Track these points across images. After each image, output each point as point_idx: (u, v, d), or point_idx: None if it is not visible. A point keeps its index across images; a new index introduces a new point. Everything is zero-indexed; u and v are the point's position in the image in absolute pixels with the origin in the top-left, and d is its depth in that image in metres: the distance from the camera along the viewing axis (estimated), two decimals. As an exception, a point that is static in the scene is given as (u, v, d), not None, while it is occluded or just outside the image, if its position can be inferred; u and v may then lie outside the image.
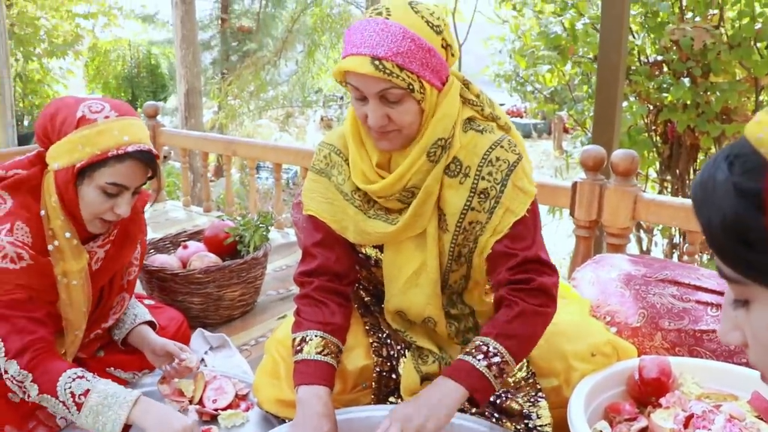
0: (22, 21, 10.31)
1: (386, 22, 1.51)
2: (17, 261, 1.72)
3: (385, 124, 1.57)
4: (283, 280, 3.07)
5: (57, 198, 1.78)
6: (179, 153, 4.40)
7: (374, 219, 1.70)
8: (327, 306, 1.77)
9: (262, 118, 8.95)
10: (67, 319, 1.89)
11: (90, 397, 1.68)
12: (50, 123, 1.78)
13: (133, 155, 1.76)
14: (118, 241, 2.00)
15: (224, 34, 9.68)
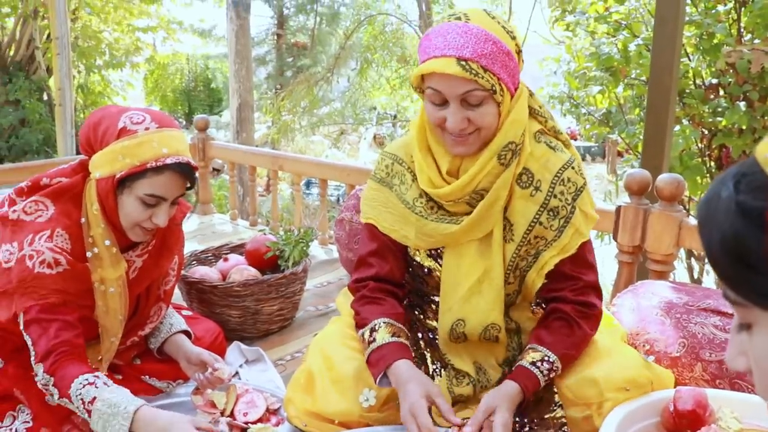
0: (85, 34, 10.64)
1: (467, 25, 1.55)
2: (54, 266, 1.76)
3: (465, 127, 1.60)
4: (323, 296, 3.07)
5: (98, 206, 1.83)
6: (228, 167, 4.47)
7: (437, 222, 1.73)
8: (385, 301, 1.82)
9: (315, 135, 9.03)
10: (104, 326, 1.93)
11: (96, 405, 1.69)
12: (93, 132, 1.83)
13: (171, 167, 1.79)
14: (156, 251, 2.03)
15: (279, 49, 9.83)
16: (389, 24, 6.66)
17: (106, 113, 1.85)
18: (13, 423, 1.86)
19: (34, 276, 1.74)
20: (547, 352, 1.68)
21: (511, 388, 1.63)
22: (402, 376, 1.64)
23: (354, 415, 1.78)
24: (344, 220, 3.09)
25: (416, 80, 1.64)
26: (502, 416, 1.57)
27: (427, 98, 1.63)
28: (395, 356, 1.68)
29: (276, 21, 9.96)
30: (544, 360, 1.66)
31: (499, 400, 1.60)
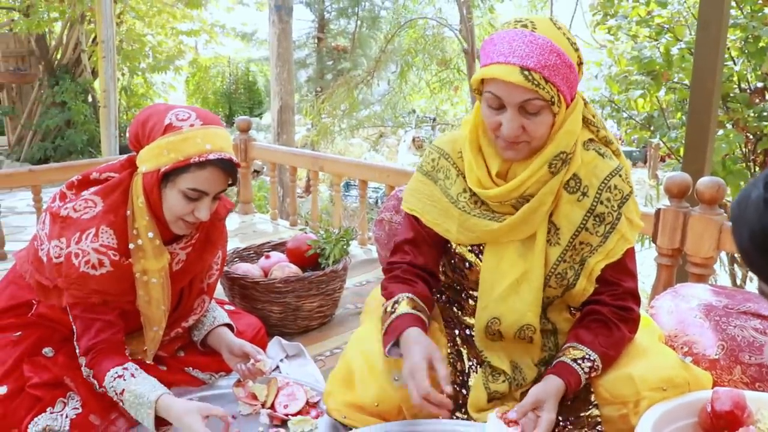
0: (130, 37, 10.85)
1: (534, 34, 1.57)
2: (98, 267, 1.85)
3: (519, 134, 1.62)
4: (362, 295, 3.11)
5: (143, 199, 1.89)
6: (269, 167, 4.53)
7: (479, 217, 1.76)
8: (415, 282, 1.86)
9: (354, 137, 9.09)
10: (145, 315, 2.00)
11: (125, 396, 1.84)
12: (141, 128, 1.89)
13: (213, 163, 1.85)
14: (200, 245, 2.09)
15: (320, 52, 9.91)
16: (430, 28, 6.68)
17: (153, 111, 1.91)
18: (63, 409, 1.92)
19: (79, 275, 1.83)
20: (587, 350, 1.70)
21: (556, 383, 1.65)
22: (409, 341, 1.69)
23: (392, 401, 1.80)
24: (384, 220, 3.12)
25: (476, 82, 1.66)
26: (549, 414, 1.60)
27: (484, 101, 1.66)
28: (408, 324, 1.72)
29: (317, 25, 10.06)
30: (585, 358, 1.68)
31: (548, 396, 1.62)
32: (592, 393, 1.74)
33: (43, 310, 2.05)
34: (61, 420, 1.89)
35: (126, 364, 1.90)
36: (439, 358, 1.64)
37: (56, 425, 1.87)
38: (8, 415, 1.87)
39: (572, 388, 1.66)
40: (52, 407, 1.92)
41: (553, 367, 1.70)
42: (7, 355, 1.98)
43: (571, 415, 1.73)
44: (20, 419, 1.87)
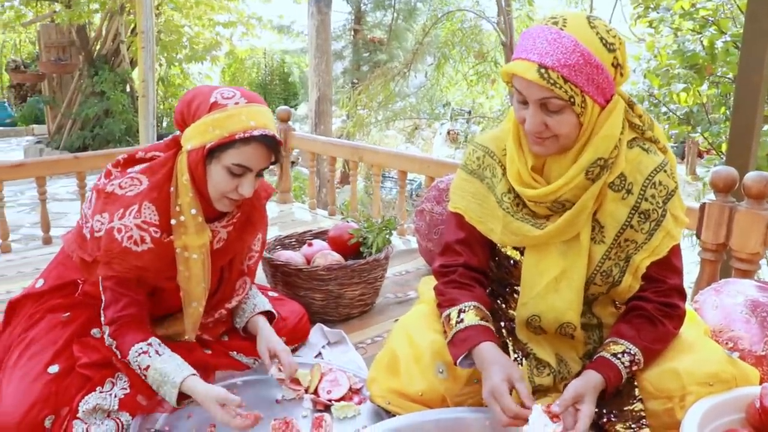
0: (168, 29, 10.94)
1: (560, 32, 1.55)
2: (140, 243, 1.90)
3: (542, 130, 1.62)
4: (402, 285, 3.13)
5: (188, 176, 1.94)
6: (307, 157, 4.56)
7: (522, 221, 1.76)
8: (474, 288, 1.86)
9: (390, 129, 9.09)
10: (185, 291, 2.04)
11: (149, 373, 1.91)
12: (187, 108, 1.95)
13: (257, 139, 1.89)
14: (240, 225, 2.14)
15: (356, 44, 9.93)
16: (467, 20, 6.66)
17: (198, 91, 1.97)
18: (112, 389, 1.97)
19: (121, 250, 1.89)
20: (628, 345, 1.69)
21: (595, 377, 1.65)
22: (486, 358, 1.68)
23: (437, 392, 1.83)
24: (425, 210, 3.13)
25: (506, 76, 1.65)
26: (589, 408, 1.60)
27: (513, 95, 1.67)
28: (481, 338, 1.72)
29: (353, 16, 10.08)
30: (625, 352, 1.68)
31: (587, 390, 1.62)
32: (636, 387, 1.73)
33: (88, 288, 2.12)
34: (110, 399, 1.94)
35: (150, 339, 1.96)
36: (519, 377, 1.65)
37: (105, 404, 1.92)
38: (60, 393, 1.92)
39: (612, 383, 1.66)
40: (101, 387, 1.96)
41: (593, 362, 1.70)
42: (58, 335, 2.04)
43: (615, 409, 1.73)
44: (71, 397, 1.92)
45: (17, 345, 2.03)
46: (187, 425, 1.97)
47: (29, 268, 3.42)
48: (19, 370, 1.94)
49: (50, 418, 1.86)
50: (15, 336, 2.08)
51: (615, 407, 1.74)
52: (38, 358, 1.97)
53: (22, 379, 1.91)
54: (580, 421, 1.58)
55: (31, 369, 1.94)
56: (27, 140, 12.68)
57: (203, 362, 2.13)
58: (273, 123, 1.97)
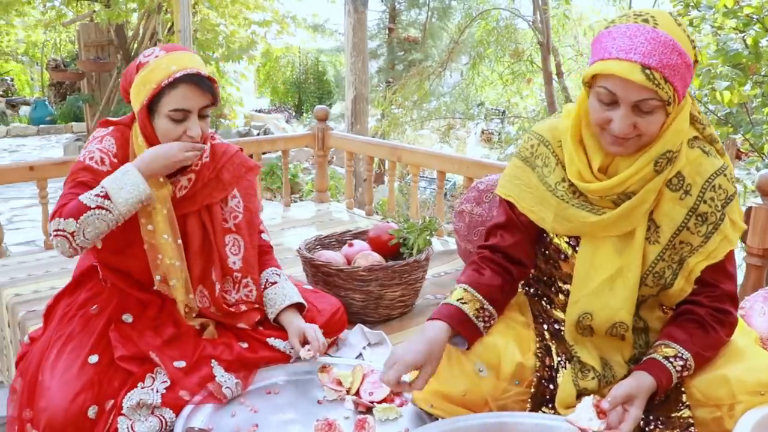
0: (204, 27, 11.04)
1: (656, 31, 1.53)
2: (99, 164, 2.06)
3: (630, 131, 1.59)
4: (441, 286, 3.12)
5: (142, 137, 2.07)
6: (345, 156, 4.57)
7: (578, 208, 1.74)
8: (484, 271, 1.87)
9: (423, 129, 9.08)
10: (150, 243, 2.11)
11: (107, 186, 1.96)
12: (124, 79, 2.12)
13: (182, 80, 2.00)
14: (205, 177, 2.21)
15: (391, 43, 9.94)
16: (502, 19, 6.62)
17: (132, 62, 2.12)
18: (153, 384, 2.01)
19: (84, 166, 2.04)
20: (680, 349, 1.66)
21: (647, 380, 1.62)
22: (426, 332, 1.74)
23: (479, 392, 1.82)
24: (464, 211, 3.12)
25: (588, 76, 1.62)
26: (637, 411, 1.58)
27: (595, 95, 1.63)
28: (441, 315, 1.77)
29: (388, 15, 10.08)
30: (678, 356, 1.65)
31: (639, 392, 1.60)
32: (684, 393, 1.70)
33: (105, 272, 2.19)
34: (152, 394, 1.97)
35: None
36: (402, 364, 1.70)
37: (149, 399, 1.95)
38: (104, 384, 1.97)
39: (663, 387, 1.63)
40: (142, 382, 2.00)
41: (644, 364, 1.67)
42: (93, 328, 2.11)
43: (662, 415, 1.70)
44: (113, 390, 1.97)
45: (55, 342, 2.09)
46: (230, 423, 1.98)
47: (72, 264, 3.46)
48: (61, 364, 1.99)
49: (93, 408, 1.91)
50: (52, 335, 2.13)
51: (662, 413, 1.71)
52: (78, 351, 2.03)
53: (65, 371, 1.96)
54: (626, 423, 1.56)
55: (73, 361, 2.00)
56: (66, 137, 12.91)
57: (241, 358, 2.15)
58: (197, 63, 2.07)
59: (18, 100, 16.36)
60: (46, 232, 3.77)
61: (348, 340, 2.48)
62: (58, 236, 1.96)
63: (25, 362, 2.13)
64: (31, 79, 18.60)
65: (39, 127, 14.20)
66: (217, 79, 2.12)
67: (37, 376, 2.02)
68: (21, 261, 3.54)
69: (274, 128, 11.49)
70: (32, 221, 6.92)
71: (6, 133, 13.31)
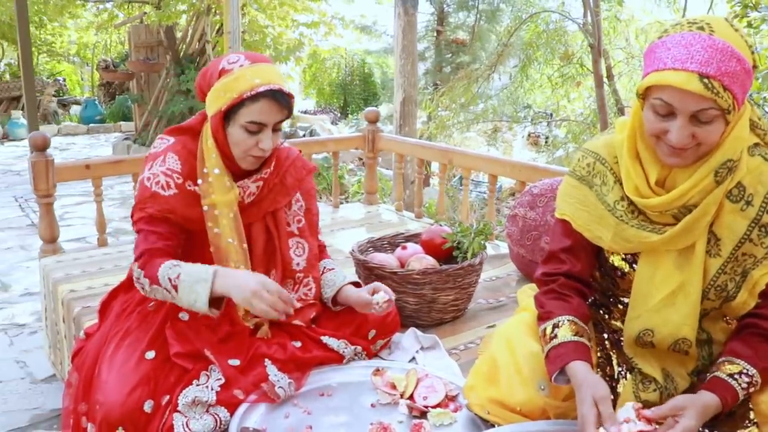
0: (252, 29, 11.14)
1: (712, 38, 1.48)
2: (166, 189, 2.07)
3: (688, 142, 1.54)
4: (493, 290, 3.09)
5: (212, 140, 2.10)
6: (395, 158, 4.55)
7: (638, 228, 1.69)
8: (572, 299, 1.80)
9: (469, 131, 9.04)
10: (216, 246, 2.13)
11: (181, 278, 1.97)
12: (203, 80, 2.14)
13: (264, 94, 2.02)
14: (271, 183, 2.25)
15: (438, 45, 9.92)
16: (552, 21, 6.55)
17: (212, 63, 2.15)
18: (207, 381, 2.02)
19: (151, 194, 2.06)
20: (745, 365, 1.61)
21: (708, 398, 1.57)
22: (577, 378, 1.64)
23: (537, 405, 1.79)
24: (517, 216, 3.09)
25: (642, 87, 1.58)
26: (688, 422, 1.52)
27: (650, 107, 1.57)
28: (572, 356, 1.67)
29: (436, 17, 10.06)
30: (743, 373, 1.59)
31: (691, 404, 1.54)
32: (752, 410, 1.66)
33: None
34: (207, 392, 1.98)
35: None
36: (601, 396, 1.58)
37: (204, 397, 1.96)
38: (160, 380, 1.99)
39: (729, 405, 1.58)
40: (197, 379, 2.02)
41: (707, 383, 1.62)
42: (150, 324, 2.13)
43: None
44: (169, 386, 1.98)
45: (112, 338, 2.12)
46: (284, 424, 1.98)
47: (125, 262, 3.51)
48: (118, 358, 2.02)
49: (149, 402, 1.92)
50: (109, 330, 2.17)
51: (727, 430, 1.67)
52: (135, 346, 2.06)
53: (122, 365, 1.99)
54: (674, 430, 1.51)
55: (130, 356, 2.02)
56: (115, 136, 13.12)
57: (295, 359, 2.16)
58: (279, 77, 2.08)
59: (69, 99, 16.71)
60: (99, 229, 3.83)
61: (401, 343, 2.47)
62: (137, 283, 2.06)
63: (81, 357, 2.16)
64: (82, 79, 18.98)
65: (89, 126, 14.47)
66: (294, 95, 2.13)
67: (94, 370, 2.05)
68: (75, 258, 3.58)
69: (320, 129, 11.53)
70: (82, 218, 7.02)
71: (57, 131, 13.58)
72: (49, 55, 17.36)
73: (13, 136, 13.00)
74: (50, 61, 17.85)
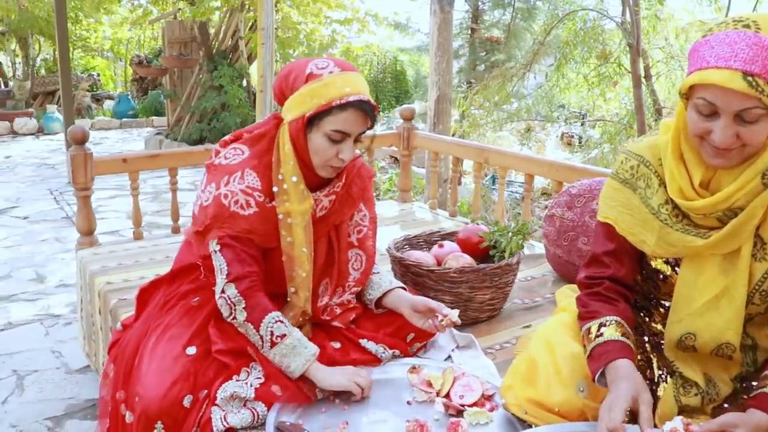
0: (285, 25, 11.20)
1: (758, 36, 1.44)
2: (246, 208, 2.01)
3: (733, 142, 1.50)
4: (528, 290, 3.06)
5: (290, 146, 2.04)
6: (429, 156, 4.53)
7: (683, 232, 1.66)
8: (618, 302, 1.78)
9: (502, 130, 8.98)
10: (288, 255, 2.10)
11: (285, 341, 1.98)
12: (285, 81, 2.06)
13: (353, 104, 1.98)
14: (341, 197, 2.21)
15: (473, 43, 9.87)
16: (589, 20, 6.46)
17: (294, 65, 2.08)
18: (247, 378, 2.02)
19: (230, 214, 2.00)
20: None
21: (759, 417, 1.52)
22: (619, 374, 1.61)
23: (576, 406, 1.77)
24: (554, 216, 3.05)
25: (685, 87, 1.55)
26: None
27: (693, 107, 1.54)
28: (619, 354, 1.65)
29: (471, 15, 10.01)
30: None
31: (742, 423, 1.50)
32: None
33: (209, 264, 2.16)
34: (246, 388, 1.98)
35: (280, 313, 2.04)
36: (646, 399, 1.55)
37: (242, 392, 1.96)
38: (199, 375, 1.99)
39: None
40: (237, 375, 2.02)
41: (755, 399, 1.58)
42: (192, 319, 2.13)
43: None
44: (208, 381, 1.99)
45: (154, 329, 2.12)
46: (321, 419, 1.98)
47: (160, 255, 3.54)
48: (159, 351, 2.02)
49: (189, 397, 1.93)
50: (151, 323, 2.16)
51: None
52: (176, 341, 2.06)
53: (162, 359, 2.00)
54: None
55: (171, 350, 2.03)
56: (147, 131, 13.24)
57: (333, 362, 2.14)
58: (367, 88, 2.05)
59: (102, 94, 16.90)
60: (135, 223, 3.86)
61: (437, 341, 2.45)
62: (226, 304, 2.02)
63: (119, 347, 2.17)
64: (115, 75, 19.18)
65: (121, 120, 14.63)
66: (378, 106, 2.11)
67: (133, 360, 2.06)
68: (111, 250, 3.61)
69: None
70: (115, 211, 7.10)
71: (91, 126, 13.72)
72: (84, 50, 17.56)
73: (47, 130, 13.18)
74: (84, 56, 18.05)
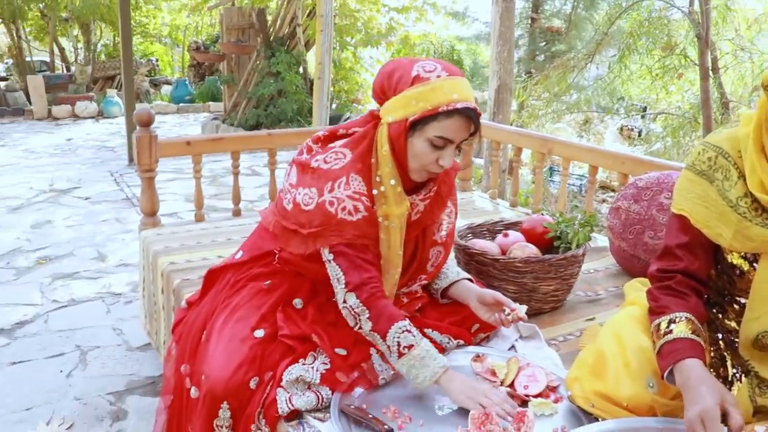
0: (343, 12, 11.22)
1: None
2: (354, 213, 1.96)
3: None
4: (590, 283, 3.02)
5: (388, 148, 1.98)
6: (491, 146, 4.50)
7: (762, 226, 1.61)
8: (689, 297, 1.74)
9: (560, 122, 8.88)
10: (385, 257, 2.07)
11: (413, 352, 1.92)
12: (387, 81, 1.99)
13: (460, 111, 1.92)
14: (433, 199, 2.16)
15: (533, 33, 9.76)
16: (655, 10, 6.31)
17: (398, 64, 2.00)
18: (314, 362, 2.03)
19: (338, 222, 1.94)
20: None
21: None
22: (693, 376, 1.56)
23: (644, 401, 1.74)
24: (620, 208, 3.00)
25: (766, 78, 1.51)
26: None
27: None
28: (688, 353, 1.61)
29: (531, 4, 9.91)
30: None
31: None
32: None
33: (286, 255, 2.17)
34: (312, 372, 1.99)
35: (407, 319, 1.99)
36: (732, 402, 1.52)
37: (308, 376, 1.97)
38: (266, 357, 2.00)
39: None
40: (303, 359, 2.03)
41: None
42: (262, 301, 2.13)
43: None
44: (274, 363, 2.00)
45: (222, 310, 2.14)
46: (385, 403, 1.98)
47: (222, 237, 3.59)
48: (227, 333, 2.03)
49: (255, 379, 1.95)
50: (219, 302, 2.18)
51: None
52: (244, 323, 2.06)
53: (230, 340, 2.01)
54: None
55: (239, 332, 2.03)
56: (204, 116, 13.44)
57: None
58: (473, 94, 1.98)
59: (160, 79, 17.22)
60: (197, 205, 3.92)
61: (500, 331, 2.43)
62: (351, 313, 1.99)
63: (185, 324, 2.20)
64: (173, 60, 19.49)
65: (179, 105, 14.88)
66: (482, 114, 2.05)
67: (199, 338, 2.09)
68: (173, 231, 3.68)
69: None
70: (173, 194, 7.22)
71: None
72: (143, 36, 17.88)
73: (107, 113, 13.49)
74: (143, 42, 18.38)
